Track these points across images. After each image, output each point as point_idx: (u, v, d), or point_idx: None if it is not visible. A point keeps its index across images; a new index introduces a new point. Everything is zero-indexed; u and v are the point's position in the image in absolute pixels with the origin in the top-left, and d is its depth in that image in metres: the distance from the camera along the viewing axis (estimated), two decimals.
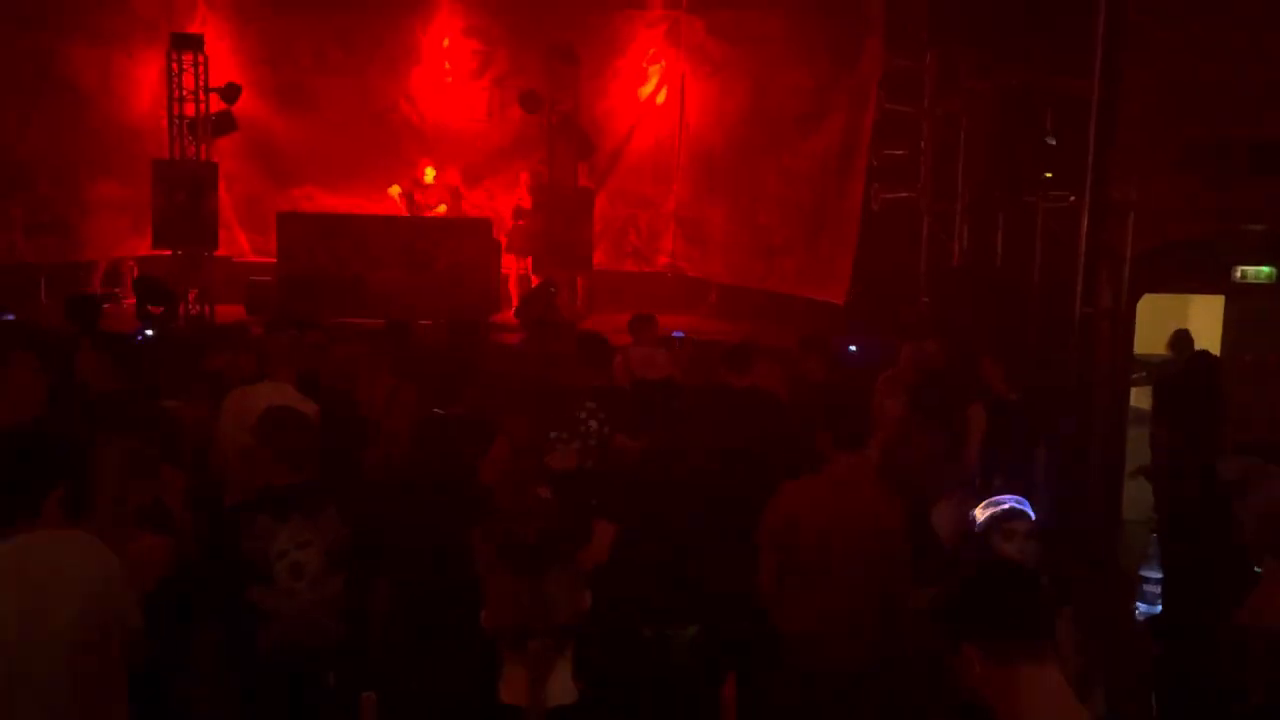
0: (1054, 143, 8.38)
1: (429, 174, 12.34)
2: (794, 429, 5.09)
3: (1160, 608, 3.94)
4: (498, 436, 5.10)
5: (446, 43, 13.34)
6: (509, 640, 2.20)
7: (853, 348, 9.11)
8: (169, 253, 11.50)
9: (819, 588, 3.63)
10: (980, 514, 3.62)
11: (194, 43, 11.59)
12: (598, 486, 4.09)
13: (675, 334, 9.72)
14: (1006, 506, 3.57)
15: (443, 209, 12.35)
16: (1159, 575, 3.99)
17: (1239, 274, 8.14)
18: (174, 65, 11.50)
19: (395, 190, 12.35)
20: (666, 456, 4.65)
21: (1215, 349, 7.90)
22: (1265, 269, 8.14)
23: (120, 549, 3.04)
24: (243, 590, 3.40)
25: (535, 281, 11.80)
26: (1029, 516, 3.56)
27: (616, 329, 9.03)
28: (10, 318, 9.31)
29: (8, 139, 11.27)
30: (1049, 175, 8.61)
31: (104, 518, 3.19)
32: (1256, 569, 3.15)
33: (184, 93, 11.49)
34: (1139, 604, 3.94)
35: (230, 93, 11.58)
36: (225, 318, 11.05)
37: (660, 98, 13.59)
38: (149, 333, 9.22)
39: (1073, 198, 8.16)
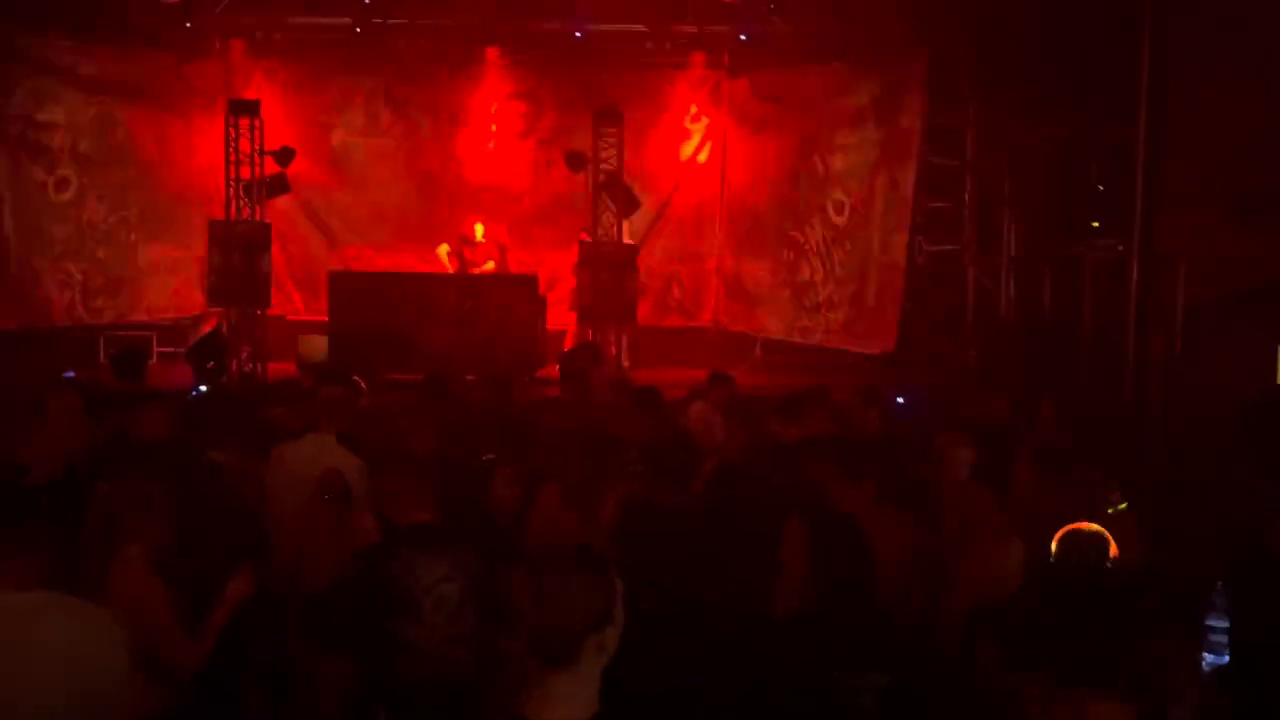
0: (1103, 189, 8.35)
1: (479, 230, 12.51)
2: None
3: (1227, 658, 3.84)
4: (545, 486, 5.11)
5: (494, 108, 13.61)
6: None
7: (900, 400, 9.05)
8: (223, 311, 11.76)
9: None
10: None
11: (251, 108, 11.90)
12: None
13: None
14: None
15: (490, 266, 12.50)
16: (1225, 624, 3.88)
17: None
18: (231, 130, 11.81)
19: (443, 250, 12.54)
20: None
21: None
22: None
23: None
24: (384, 621, 3.38)
25: (592, 336, 11.86)
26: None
27: (660, 383, 9.04)
28: (70, 375, 9.56)
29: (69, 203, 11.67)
30: (1096, 225, 8.57)
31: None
32: None
33: (240, 156, 11.79)
34: (1205, 654, 3.81)
35: (284, 156, 11.85)
36: (277, 375, 11.21)
37: (703, 156, 13.74)
38: (203, 388, 9.41)
39: (1121, 247, 8.10)
